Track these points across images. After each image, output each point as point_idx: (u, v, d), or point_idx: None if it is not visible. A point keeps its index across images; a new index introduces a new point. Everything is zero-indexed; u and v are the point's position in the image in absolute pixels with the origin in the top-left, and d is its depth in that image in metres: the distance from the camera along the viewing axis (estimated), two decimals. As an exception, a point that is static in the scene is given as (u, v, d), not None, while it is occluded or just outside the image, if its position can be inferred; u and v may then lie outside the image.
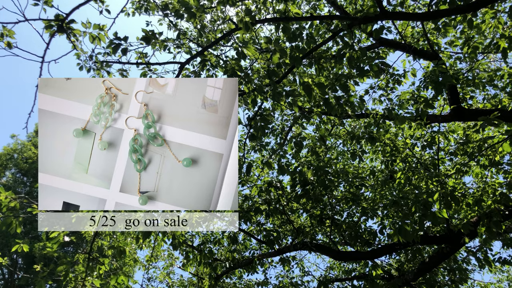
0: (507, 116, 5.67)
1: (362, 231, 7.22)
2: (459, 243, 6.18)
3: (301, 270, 8.64)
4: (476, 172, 6.82)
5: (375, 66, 4.56)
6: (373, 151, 7.43)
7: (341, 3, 6.57)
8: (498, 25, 4.77)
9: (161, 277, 8.69)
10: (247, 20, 4.21)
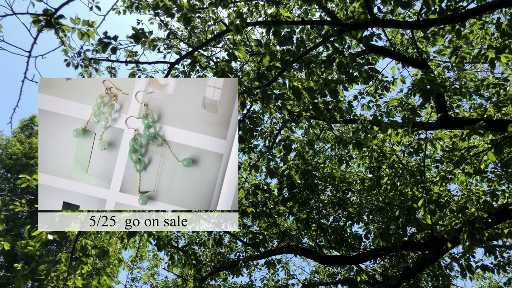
0: (492, 126, 5.75)
1: (348, 235, 7.26)
2: (443, 249, 6.24)
3: (286, 273, 8.64)
4: (461, 179, 6.90)
5: (364, 72, 4.59)
6: (361, 156, 7.48)
7: (332, 9, 6.61)
8: (485, 36, 4.84)
9: (145, 278, 8.62)
10: (238, 22, 4.21)
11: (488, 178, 6.44)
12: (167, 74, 5.05)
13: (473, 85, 6.26)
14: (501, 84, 6.17)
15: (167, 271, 8.47)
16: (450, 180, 5.93)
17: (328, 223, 7.33)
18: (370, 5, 4.18)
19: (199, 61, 5.31)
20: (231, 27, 4.27)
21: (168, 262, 7.75)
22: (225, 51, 4.77)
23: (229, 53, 4.67)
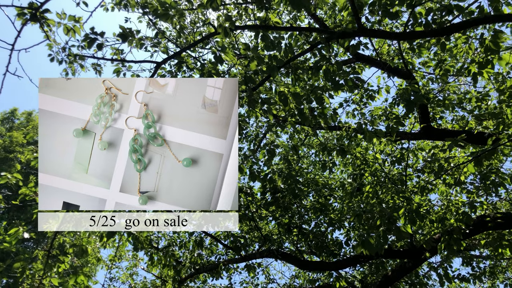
0: (473, 138, 5.86)
1: (328, 241, 7.30)
2: (421, 258, 6.31)
3: (266, 277, 8.64)
4: (441, 190, 7.00)
5: (350, 81, 4.63)
6: (344, 163, 7.53)
7: (321, 16, 6.65)
8: (469, 51, 4.93)
9: (124, 278, 8.52)
10: (227, 25, 4.20)
11: (468, 189, 6.54)
12: (153, 73, 5.02)
13: (456, 97, 6.37)
14: (483, 98, 6.29)
15: (146, 271, 8.38)
16: (431, 190, 6.00)
17: (310, 228, 7.36)
18: (358, 14, 4.22)
19: (186, 62, 5.29)
20: (220, 29, 4.26)
21: (147, 262, 7.68)
22: (212, 54, 4.76)
23: (216, 55, 4.67)
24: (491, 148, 4.79)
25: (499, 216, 5.76)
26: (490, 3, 4.19)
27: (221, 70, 5.83)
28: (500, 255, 6.34)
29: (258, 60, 4.64)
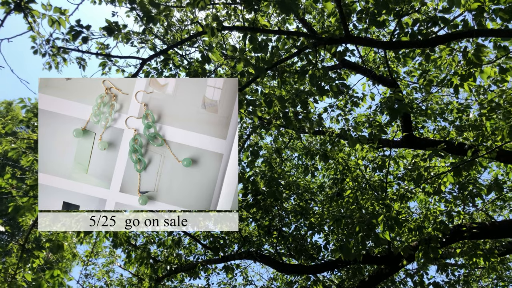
0: (453, 149, 5.95)
1: (308, 245, 7.33)
2: (398, 265, 6.39)
3: (244, 279, 8.63)
4: (420, 198, 7.09)
5: (335, 87, 4.66)
6: (326, 168, 7.57)
7: (310, 20, 6.68)
8: (452, 62, 5.01)
9: (99, 275, 8.40)
10: (214, 25, 4.19)
11: (446, 198, 6.65)
12: (139, 69, 4.97)
13: (438, 108, 6.46)
14: (464, 110, 6.40)
15: (123, 269, 8.29)
16: (410, 198, 6.08)
17: (290, 231, 7.38)
18: (345, 22, 4.25)
19: (172, 60, 5.25)
20: (207, 29, 4.24)
21: (124, 260, 7.59)
22: (199, 52, 4.74)
23: (203, 55, 4.64)
24: (470, 159, 4.87)
25: (474, 226, 5.86)
26: (474, 17, 4.27)
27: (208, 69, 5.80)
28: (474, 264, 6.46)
29: (244, 61, 4.64)
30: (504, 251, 6.90)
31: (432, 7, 5.54)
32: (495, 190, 5.46)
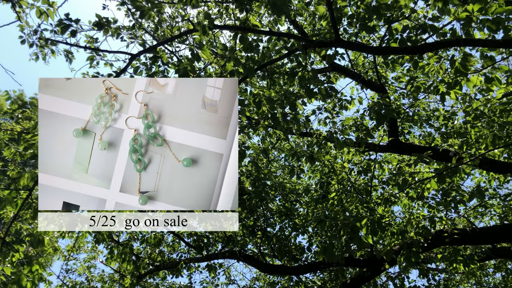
0: (438, 155, 6.03)
1: (291, 245, 7.36)
2: (380, 268, 6.45)
3: (227, 278, 8.63)
4: (404, 203, 7.17)
5: (324, 90, 4.68)
6: (312, 170, 7.60)
7: (301, 22, 6.70)
8: (440, 70, 5.07)
9: (81, 270, 8.31)
10: (205, 23, 4.17)
11: (429, 204, 6.73)
12: (127, 64, 4.93)
13: (424, 114, 6.53)
14: (450, 117, 6.48)
15: (104, 264, 8.22)
16: (394, 202, 6.15)
17: (274, 232, 7.39)
18: (336, 25, 4.27)
19: (161, 56, 5.21)
20: (198, 27, 4.22)
21: (107, 255, 7.53)
22: (189, 50, 4.72)
23: (193, 52, 4.62)
24: (454, 166, 4.94)
25: (456, 232, 5.95)
26: (462, 26, 4.32)
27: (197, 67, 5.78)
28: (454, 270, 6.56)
29: (234, 61, 4.63)
30: (484, 258, 7.02)
31: (422, 14, 5.60)
32: (477, 197, 5.55)
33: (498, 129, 5.84)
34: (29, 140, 4.54)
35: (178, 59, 5.72)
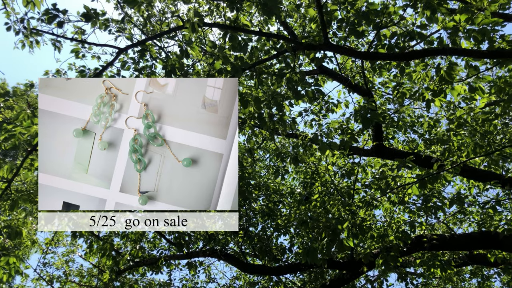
0: (420, 161, 6.11)
1: (273, 246, 7.37)
2: (359, 271, 6.51)
3: (207, 276, 8.60)
4: (385, 207, 7.25)
5: (311, 92, 4.70)
6: (296, 171, 7.63)
7: (291, 23, 6.71)
8: (425, 77, 5.15)
9: (58, 264, 8.20)
10: (195, 21, 4.15)
11: (410, 209, 6.81)
12: (115, 58, 4.87)
13: (409, 120, 6.61)
14: (434, 124, 6.58)
15: (83, 259, 8.12)
16: (376, 206, 6.20)
17: (256, 231, 7.40)
18: (326, 29, 4.29)
19: (149, 51, 5.17)
20: (187, 24, 4.20)
21: (86, 250, 7.44)
22: (178, 47, 4.69)
23: (182, 49, 4.59)
24: (435, 173, 5.01)
25: (435, 238, 6.04)
26: (449, 35, 4.39)
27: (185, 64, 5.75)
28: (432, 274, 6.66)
29: (223, 59, 4.62)
30: (461, 263, 7.14)
31: (411, 21, 5.66)
32: (457, 204, 5.64)
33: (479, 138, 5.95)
34: (11, 130, 4.46)
35: (167, 54, 5.68)
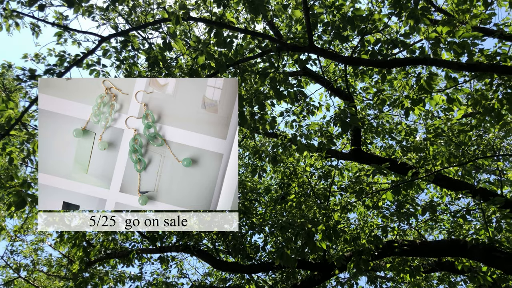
0: (396, 167, 6.21)
1: (246, 244, 7.38)
2: (331, 273, 6.57)
3: (179, 271, 8.55)
4: (360, 210, 7.34)
5: (293, 93, 4.72)
6: (274, 170, 7.65)
7: (278, 23, 6.72)
8: (406, 86, 5.23)
9: (27, 252, 8.02)
10: (180, 14, 4.11)
11: (384, 214, 6.92)
12: (97, 46, 4.79)
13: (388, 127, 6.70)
14: (411, 132, 6.69)
15: (53, 248, 7.97)
16: (350, 210, 6.28)
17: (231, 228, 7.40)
18: (311, 32, 4.30)
19: (132, 42, 5.10)
20: (172, 17, 4.15)
21: (56, 239, 7.29)
22: (162, 39, 4.63)
23: (165, 42, 4.54)
24: (409, 180, 5.10)
25: (406, 243, 6.15)
26: (431, 46, 4.47)
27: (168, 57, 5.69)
28: (401, 279, 6.78)
29: (207, 55, 4.59)
30: (429, 269, 7.29)
31: (395, 29, 5.74)
32: (429, 211, 5.75)
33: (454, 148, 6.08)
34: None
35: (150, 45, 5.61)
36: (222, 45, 4.66)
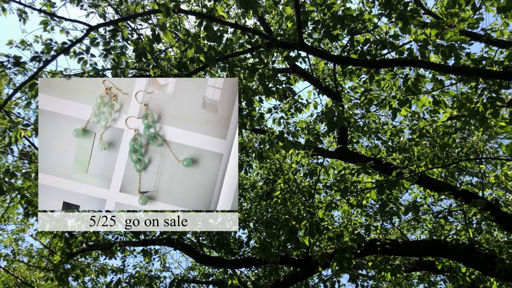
0: (381, 167, 6.27)
1: (230, 239, 7.39)
2: (314, 270, 6.62)
3: (162, 264, 8.53)
4: (344, 209, 7.40)
5: (281, 90, 4.72)
6: (260, 166, 7.66)
7: (268, 19, 6.71)
8: (393, 86, 5.27)
9: (7, 242, 7.91)
10: (171, 6, 4.07)
11: (367, 212, 6.99)
12: (85, 35, 4.72)
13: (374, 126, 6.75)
14: (397, 133, 6.76)
15: (34, 238, 7.87)
16: (334, 208, 6.32)
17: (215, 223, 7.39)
18: (301, 29, 4.31)
19: (121, 31, 5.04)
20: (162, 9, 4.11)
21: (37, 229, 7.21)
22: (151, 31, 4.59)
23: (154, 33, 4.50)
24: (393, 180, 5.16)
25: (388, 242, 6.22)
26: (419, 48, 4.51)
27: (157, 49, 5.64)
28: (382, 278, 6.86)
29: (196, 48, 4.56)
30: (410, 269, 7.39)
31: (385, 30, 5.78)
32: (412, 211, 5.83)
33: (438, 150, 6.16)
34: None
35: (139, 36, 5.55)
36: (212, 39, 4.64)
